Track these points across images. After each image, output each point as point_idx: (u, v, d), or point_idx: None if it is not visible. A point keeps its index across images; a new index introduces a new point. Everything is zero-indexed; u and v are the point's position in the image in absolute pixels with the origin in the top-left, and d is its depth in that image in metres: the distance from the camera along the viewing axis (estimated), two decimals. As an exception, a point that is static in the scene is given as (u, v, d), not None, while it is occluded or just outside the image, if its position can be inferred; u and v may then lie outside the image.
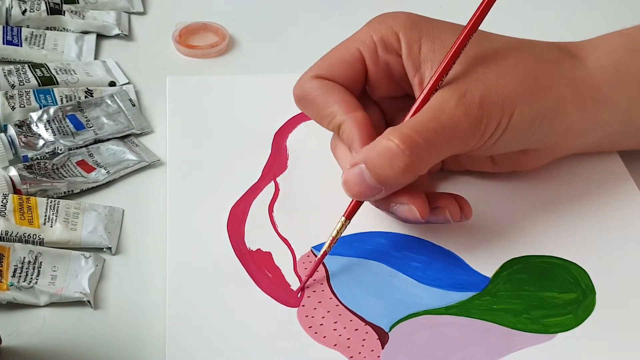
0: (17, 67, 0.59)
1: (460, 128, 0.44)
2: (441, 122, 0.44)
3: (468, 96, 0.45)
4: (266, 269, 0.47)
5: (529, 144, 0.49)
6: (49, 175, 0.51)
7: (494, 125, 0.45)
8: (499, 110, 0.45)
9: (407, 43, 0.47)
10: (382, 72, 0.48)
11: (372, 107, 0.50)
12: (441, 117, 0.44)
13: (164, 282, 0.46)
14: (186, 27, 0.66)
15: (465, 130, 0.45)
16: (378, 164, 0.43)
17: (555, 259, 0.48)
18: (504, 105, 0.45)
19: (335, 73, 0.48)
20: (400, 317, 0.45)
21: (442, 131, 0.44)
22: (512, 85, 0.46)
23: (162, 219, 0.50)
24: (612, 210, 0.51)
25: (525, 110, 0.46)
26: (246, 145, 0.55)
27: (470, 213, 0.48)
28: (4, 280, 0.45)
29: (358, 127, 0.46)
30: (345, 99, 0.47)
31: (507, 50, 0.47)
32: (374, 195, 0.45)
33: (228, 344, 0.43)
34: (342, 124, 0.46)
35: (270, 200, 0.51)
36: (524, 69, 0.47)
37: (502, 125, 0.46)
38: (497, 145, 0.47)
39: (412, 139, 0.43)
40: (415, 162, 0.43)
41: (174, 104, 0.58)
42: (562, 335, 0.44)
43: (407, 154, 0.43)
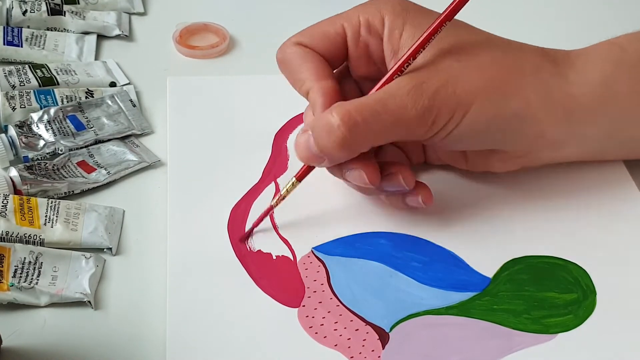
0: (17, 68, 0.59)
1: (406, 115, 0.45)
2: (386, 106, 0.45)
3: (424, 86, 0.45)
4: (266, 269, 0.47)
5: (494, 144, 0.49)
6: (50, 175, 0.51)
7: (446, 118, 0.45)
8: (454, 104, 0.45)
9: (389, 27, 0.48)
10: (361, 52, 0.49)
11: (350, 85, 0.51)
12: (389, 101, 0.45)
13: (164, 282, 0.46)
14: (186, 27, 0.66)
15: (410, 118, 0.45)
16: (319, 135, 0.45)
17: (555, 259, 0.48)
18: (460, 99, 0.45)
19: (315, 43, 0.49)
20: (401, 317, 0.45)
21: (385, 114, 0.44)
22: (476, 82, 0.46)
23: (162, 220, 0.50)
24: (612, 210, 0.51)
25: (484, 108, 0.46)
26: (246, 145, 0.55)
27: (429, 198, 0.48)
28: (4, 280, 0.45)
29: (323, 95, 0.46)
30: (318, 67, 0.48)
31: (484, 47, 0.48)
32: (318, 163, 0.46)
33: (228, 345, 0.43)
34: (310, 90, 0.47)
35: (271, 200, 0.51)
36: (494, 68, 0.47)
37: (455, 119, 0.46)
38: (452, 138, 0.47)
39: (351, 116, 0.44)
40: (351, 139, 0.44)
41: (175, 104, 0.58)
42: (562, 335, 0.44)
43: (342, 129, 0.44)
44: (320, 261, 0.48)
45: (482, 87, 0.46)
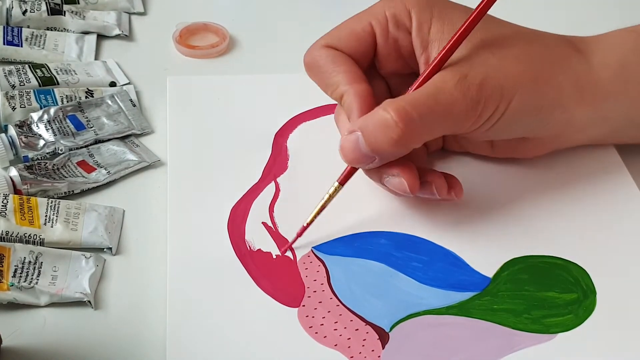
0: (17, 68, 0.59)
1: (457, 108, 0.45)
2: (438, 100, 0.45)
3: (469, 78, 0.45)
4: (266, 269, 0.47)
5: (527, 132, 0.50)
6: (50, 175, 0.51)
7: (491, 110, 0.46)
8: (498, 96, 0.46)
9: (417, 21, 0.48)
10: (391, 48, 0.49)
11: (378, 82, 0.51)
12: (439, 95, 0.45)
13: (164, 282, 0.46)
14: (186, 27, 0.66)
15: (461, 111, 0.45)
16: (372, 133, 0.45)
17: (555, 259, 0.48)
18: (504, 91, 0.46)
19: (344, 44, 0.49)
20: (401, 317, 0.45)
21: (438, 108, 0.45)
22: (514, 73, 0.47)
23: (162, 219, 0.50)
24: (613, 210, 0.51)
25: (525, 98, 0.47)
26: (247, 145, 0.55)
27: (460, 192, 0.49)
28: (4, 280, 0.45)
29: (358, 99, 0.47)
30: (350, 70, 0.48)
31: (515, 39, 0.48)
32: (367, 163, 0.46)
33: (228, 345, 0.43)
34: (344, 94, 0.48)
35: (271, 201, 0.51)
36: (528, 58, 0.48)
37: (500, 110, 0.46)
38: (494, 130, 0.48)
39: (407, 112, 0.44)
40: (407, 135, 0.44)
41: (175, 104, 0.58)
42: (562, 335, 0.44)
43: (400, 126, 0.44)
44: (320, 261, 0.48)
45: (521, 78, 0.47)
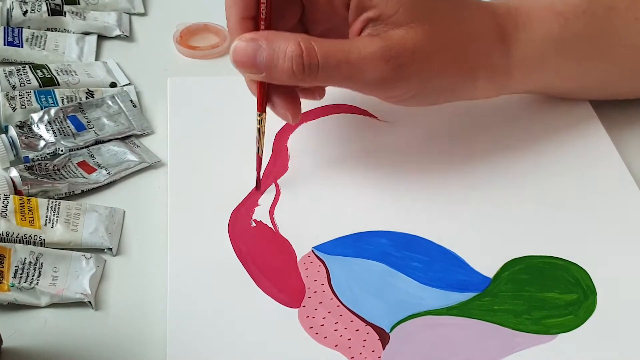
0: (18, 68, 0.59)
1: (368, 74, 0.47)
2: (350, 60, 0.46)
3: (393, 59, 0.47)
4: (267, 270, 0.47)
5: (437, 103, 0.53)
6: (50, 176, 0.51)
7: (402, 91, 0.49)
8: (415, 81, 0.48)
9: None
10: None
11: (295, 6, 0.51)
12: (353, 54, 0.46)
13: (164, 283, 0.46)
14: (187, 28, 0.66)
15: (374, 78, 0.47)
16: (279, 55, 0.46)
17: (556, 260, 0.48)
18: (422, 77, 0.48)
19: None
20: (401, 317, 0.45)
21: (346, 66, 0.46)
22: (439, 61, 0.48)
23: (163, 220, 0.50)
24: (613, 210, 0.51)
25: (439, 84, 0.50)
26: (247, 146, 0.55)
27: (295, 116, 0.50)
28: (5, 281, 0.45)
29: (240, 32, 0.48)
30: None
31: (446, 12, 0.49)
32: (253, 73, 0.47)
33: (229, 345, 0.43)
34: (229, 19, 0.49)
35: (272, 202, 0.51)
36: (453, 45, 0.49)
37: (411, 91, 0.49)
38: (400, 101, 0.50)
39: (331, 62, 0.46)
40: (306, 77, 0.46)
41: (175, 105, 0.58)
42: (563, 336, 0.44)
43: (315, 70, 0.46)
44: (320, 261, 0.48)
45: (441, 67, 0.49)
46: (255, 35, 0.47)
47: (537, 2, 0.54)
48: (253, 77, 0.48)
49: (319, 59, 0.46)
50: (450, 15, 0.49)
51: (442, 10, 0.49)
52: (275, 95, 0.49)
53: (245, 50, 0.47)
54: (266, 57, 0.46)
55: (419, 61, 0.48)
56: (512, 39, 0.52)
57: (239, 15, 0.48)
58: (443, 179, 0.53)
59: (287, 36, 0.46)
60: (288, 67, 0.46)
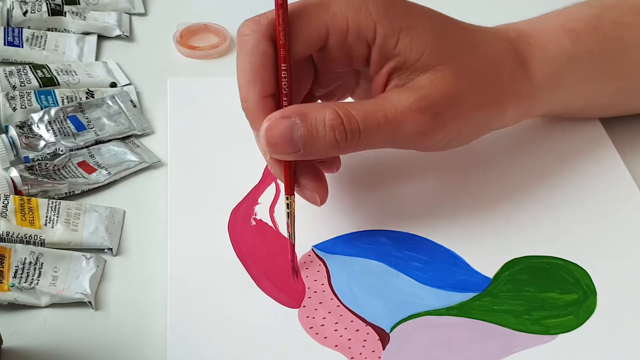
0: (18, 68, 0.59)
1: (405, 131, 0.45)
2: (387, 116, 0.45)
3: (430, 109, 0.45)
4: (267, 269, 0.47)
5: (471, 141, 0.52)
6: (50, 176, 0.51)
7: (441, 136, 0.47)
8: (450, 124, 0.47)
9: (383, 36, 0.45)
10: (340, 54, 0.46)
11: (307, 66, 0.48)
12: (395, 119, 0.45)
13: (165, 282, 0.46)
14: (187, 28, 0.66)
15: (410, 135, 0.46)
16: (318, 128, 0.43)
17: (556, 260, 0.48)
18: (457, 118, 0.47)
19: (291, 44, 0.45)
20: (401, 317, 0.45)
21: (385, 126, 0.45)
22: (468, 100, 0.47)
23: (163, 220, 0.50)
24: (613, 210, 0.51)
25: (472, 125, 0.49)
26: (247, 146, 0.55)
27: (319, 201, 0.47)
28: (5, 281, 0.45)
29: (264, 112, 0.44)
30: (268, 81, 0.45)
31: (469, 49, 0.48)
32: (290, 153, 0.44)
33: (229, 345, 0.43)
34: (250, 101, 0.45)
35: (272, 201, 0.51)
36: (482, 82, 0.48)
37: (447, 136, 0.48)
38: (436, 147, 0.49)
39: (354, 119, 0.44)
40: (349, 144, 0.44)
41: (175, 105, 0.58)
42: (563, 336, 0.44)
43: (357, 136, 0.44)
44: (320, 260, 0.48)
45: (476, 105, 0.48)
46: (286, 112, 0.44)
47: (546, 23, 0.53)
48: (287, 158, 0.45)
49: (359, 124, 0.44)
50: (471, 51, 0.48)
51: (464, 47, 0.48)
52: (302, 177, 0.46)
53: (279, 130, 0.43)
54: (305, 133, 0.43)
55: (454, 104, 0.46)
56: (529, 61, 0.51)
57: (259, 95, 0.45)
58: (444, 178, 0.53)
59: (320, 107, 0.44)
60: (330, 137, 0.43)
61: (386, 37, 0.45)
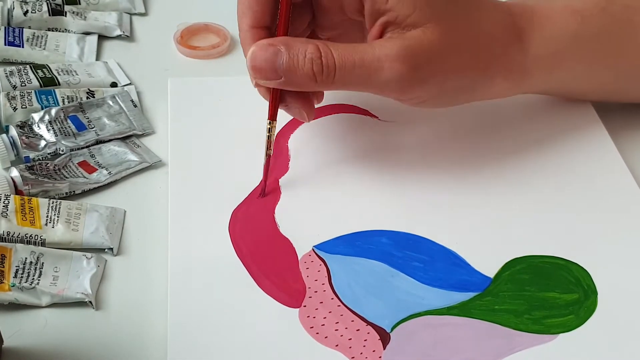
0: (18, 68, 0.59)
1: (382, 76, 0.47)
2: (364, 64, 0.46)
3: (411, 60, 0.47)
4: (268, 269, 0.47)
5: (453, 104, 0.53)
6: (51, 176, 0.51)
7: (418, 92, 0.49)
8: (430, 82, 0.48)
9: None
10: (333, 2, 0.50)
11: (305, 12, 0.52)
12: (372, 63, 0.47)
13: (165, 282, 0.46)
14: (187, 28, 0.66)
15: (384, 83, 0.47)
16: (299, 58, 0.46)
17: (556, 259, 0.48)
18: (436, 77, 0.48)
19: None
20: (402, 317, 0.45)
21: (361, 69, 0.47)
22: (453, 62, 0.48)
23: (163, 220, 0.50)
24: (614, 210, 0.51)
25: (457, 84, 0.50)
26: (247, 146, 0.55)
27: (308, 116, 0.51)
28: (5, 280, 0.45)
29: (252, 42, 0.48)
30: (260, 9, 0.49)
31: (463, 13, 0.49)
32: (272, 79, 0.47)
33: (230, 345, 0.43)
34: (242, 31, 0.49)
35: (273, 201, 0.51)
36: (469, 45, 0.49)
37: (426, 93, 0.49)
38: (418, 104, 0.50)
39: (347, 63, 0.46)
40: (325, 79, 0.47)
41: (176, 105, 0.58)
42: (563, 335, 0.44)
43: (332, 72, 0.46)
44: (321, 260, 0.48)
45: (458, 67, 0.49)
46: (273, 41, 0.47)
47: (554, 2, 0.54)
48: (270, 84, 0.48)
49: (336, 61, 0.46)
50: (465, 15, 0.49)
51: (457, 11, 0.49)
52: (288, 96, 0.49)
53: (264, 56, 0.47)
54: (286, 61, 0.46)
55: (435, 61, 0.48)
56: (529, 37, 0.52)
57: (251, 24, 0.49)
58: (444, 178, 0.53)
59: (304, 40, 0.47)
60: (308, 69, 0.46)
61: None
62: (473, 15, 0.50)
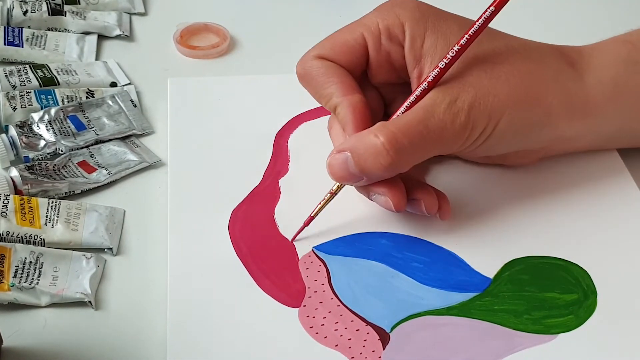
0: (18, 68, 0.59)
1: (446, 133, 0.46)
2: (428, 126, 0.45)
3: (458, 102, 0.46)
4: (267, 269, 0.47)
5: (514, 148, 0.50)
6: (50, 175, 0.51)
7: (479, 132, 0.46)
8: (486, 118, 0.46)
9: (411, 35, 0.48)
10: (383, 60, 0.49)
11: (371, 91, 0.51)
12: (429, 121, 0.45)
13: (165, 282, 0.46)
14: (187, 27, 0.66)
15: (450, 136, 0.46)
16: (362, 156, 0.45)
17: (556, 260, 0.48)
18: (492, 114, 0.46)
19: (336, 55, 0.49)
20: (402, 317, 0.45)
21: (428, 134, 0.45)
22: (504, 94, 0.46)
23: (163, 220, 0.50)
24: (613, 210, 0.51)
25: (513, 119, 0.47)
26: (247, 146, 0.55)
27: (446, 213, 0.49)
28: (5, 280, 0.45)
29: (353, 111, 0.47)
30: (343, 81, 0.48)
31: (507, 54, 0.48)
32: (355, 182, 0.47)
33: (229, 345, 0.43)
34: (338, 106, 0.48)
35: (272, 202, 0.51)
36: (518, 77, 0.47)
37: (487, 132, 0.47)
38: (481, 148, 0.48)
39: (398, 139, 0.45)
40: (397, 162, 0.45)
41: (175, 105, 0.58)
42: (563, 335, 0.44)
43: (391, 153, 0.44)
44: (321, 260, 0.48)
45: (510, 98, 0.47)
46: (340, 147, 0.46)
47: (601, 42, 0.52)
48: (359, 185, 0.47)
49: (404, 140, 0.45)
50: (505, 51, 0.48)
51: (495, 48, 0.48)
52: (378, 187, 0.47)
53: (337, 166, 0.46)
54: (355, 165, 0.45)
55: (480, 99, 0.46)
56: (581, 65, 0.50)
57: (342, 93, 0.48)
58: (444, 179, 0.53)
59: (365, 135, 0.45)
60: (382, 163, 0.45)
61: (414, 37, 0.47)
62: (516, 48, 0.49)
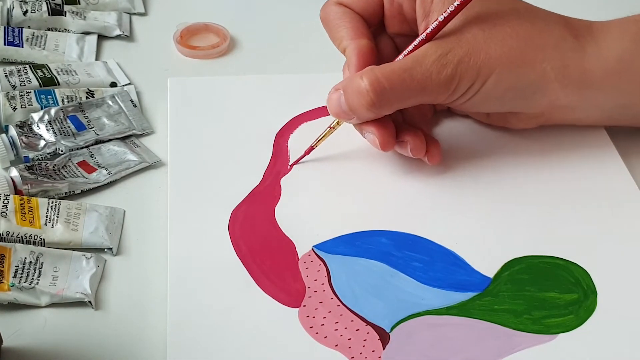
0: (18, 68, 0.59)
1: (430, 83, 0.48)
2: (413, 74, 0.48)
3: (449, 55, 0.48)
4: (267, 269, 0.47)
5: (509, 108, 0.52)
6: (50, 175, 0.51)
7: (465, 87, 0.49)
8: (474, 74, 0.48)
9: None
10: (396, 12, 0.52)
11: (385, 41, 0.54)
12: (415, 69, 0.48)
13: (165, 282, 0.46)
14: (187, 27, 0.66)
15: (434, 86, 0.48)
16: (350, 96, 0.48)
17: (556, 260, 0.48)
18: (480, 70, 0.48)
19: (354, 2, 0.52)
20: (402, 317, 0.45)
21: (412, 82, 0.48)
22: (496, 54, 0.48)
23: (163, 220, 0.50)
24: (613, 210, 0.51)
25: (501, 79, 0.49)
26: (247, 146, 0.55)
27: (435, 158, 0.52)
28: (5, 280, 0.45)
29: (357, 53, 0.50)
30: (355, 26, 0.51)
31: (509, 16, 0.50)
32: (347, 119, 0.50)
33: (229, 345, 0.43)
34: (347, 47, 0.51)
35: (273, 202, 0.51)
36: (516, 38, 0.49)
37: (475, 88, 0.49)
38: (470, 103, 0.50)
39: (380, 83, 0.47)
40: (377, 103, 0.48)
41: (175, 105, 0.58)
42: (563, 335, 0.44)
43: (371, 95, 0.47)
44: (320, 260, 0.48)
45: (502, 58, 0.48)
46: (338, 85, 0.49)
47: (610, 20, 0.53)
48: (352, 122, 0.50)
49: (385, 84, 0.47)
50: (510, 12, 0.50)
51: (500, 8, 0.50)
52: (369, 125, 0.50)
53: (332, 102, 0.49)
54: (345, 103, 0.49)
55: (471, 55, 0.48)
56: (586, 38, 0.50)
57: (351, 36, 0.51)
58: (444, 178, 0.53)
59: (354, 76, 0.48)
60: (363, 103, 0.48)
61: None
62: (520, 11, 0.50)
